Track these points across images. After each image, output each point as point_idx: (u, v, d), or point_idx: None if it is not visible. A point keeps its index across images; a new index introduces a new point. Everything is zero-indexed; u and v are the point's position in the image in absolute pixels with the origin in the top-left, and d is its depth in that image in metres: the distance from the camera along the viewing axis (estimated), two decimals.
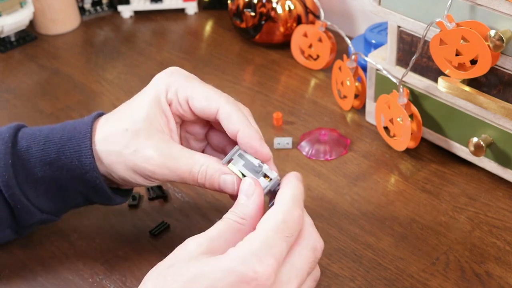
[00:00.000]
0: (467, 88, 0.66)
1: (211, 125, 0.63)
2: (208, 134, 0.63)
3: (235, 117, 0.56)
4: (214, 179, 0.56)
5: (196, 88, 0.58)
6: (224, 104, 0.57)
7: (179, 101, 0.58)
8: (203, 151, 0.64)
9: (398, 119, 0.73)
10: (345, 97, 0.82)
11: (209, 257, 0.45)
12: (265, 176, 0.56)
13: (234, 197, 0.57)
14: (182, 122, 0.61)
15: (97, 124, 0.60)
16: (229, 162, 0.56)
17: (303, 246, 0.49)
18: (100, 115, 0.62)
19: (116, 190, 0.62)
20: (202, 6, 1.10)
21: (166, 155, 0.56)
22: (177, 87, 0.58)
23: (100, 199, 0.61)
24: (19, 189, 0.59)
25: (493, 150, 0.69)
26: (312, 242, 0.49)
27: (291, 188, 0.51)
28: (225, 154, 0.62)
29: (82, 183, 0.60)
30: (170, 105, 0.59)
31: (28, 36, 1.03)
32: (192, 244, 0.47)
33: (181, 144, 0.61)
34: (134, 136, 0.57)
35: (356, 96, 0.82)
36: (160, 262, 0.48)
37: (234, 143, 0.61)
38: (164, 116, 0.58)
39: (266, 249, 0.45)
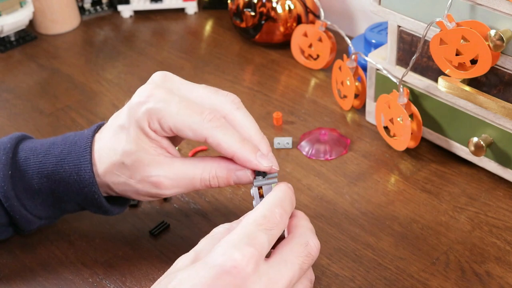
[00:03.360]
0: (467, 88, 0.66)
1: None
2: None
3: (224, 145, 0.54)
4: (228, 178, 0.56)
5: (177, 117, 0.54)
6: (210, 132, 0.54)
7: (164, 130, 0.55)
8: None
9: (398, 119, 0.73)
10: (345, 96, 0.82)
11: (196, 262, 0.46)
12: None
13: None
14: None
15: (95, 141, 0.59)
16: None
17: (294, 242, 0.49)
18: (101, 126, 0.61)
19: (113, 199, 0.63)
20: (202, 6, 1.10)
21: (172, 176, 0.56)
22: (158, 117, 0.55)
23: (98, 210, 0.62)
24: (17, 200, 0.59)
25: (493, 150, 0.69)
26: (303, 239, 0.49)
27: (277, 190, 0.51)
28: None
29: (79, 196, 0.60)
30: (156, 131, 0.56)
31: (28, 35, 1.03)
32: (180, 259, 0.48)
33: (176, 141, 0.60)
34: (134, 168, 0.57)
35: (356, 96, 0.82)
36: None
37: None
38: (154, 141, 0.57)
39: (244, 239, 0.45)
